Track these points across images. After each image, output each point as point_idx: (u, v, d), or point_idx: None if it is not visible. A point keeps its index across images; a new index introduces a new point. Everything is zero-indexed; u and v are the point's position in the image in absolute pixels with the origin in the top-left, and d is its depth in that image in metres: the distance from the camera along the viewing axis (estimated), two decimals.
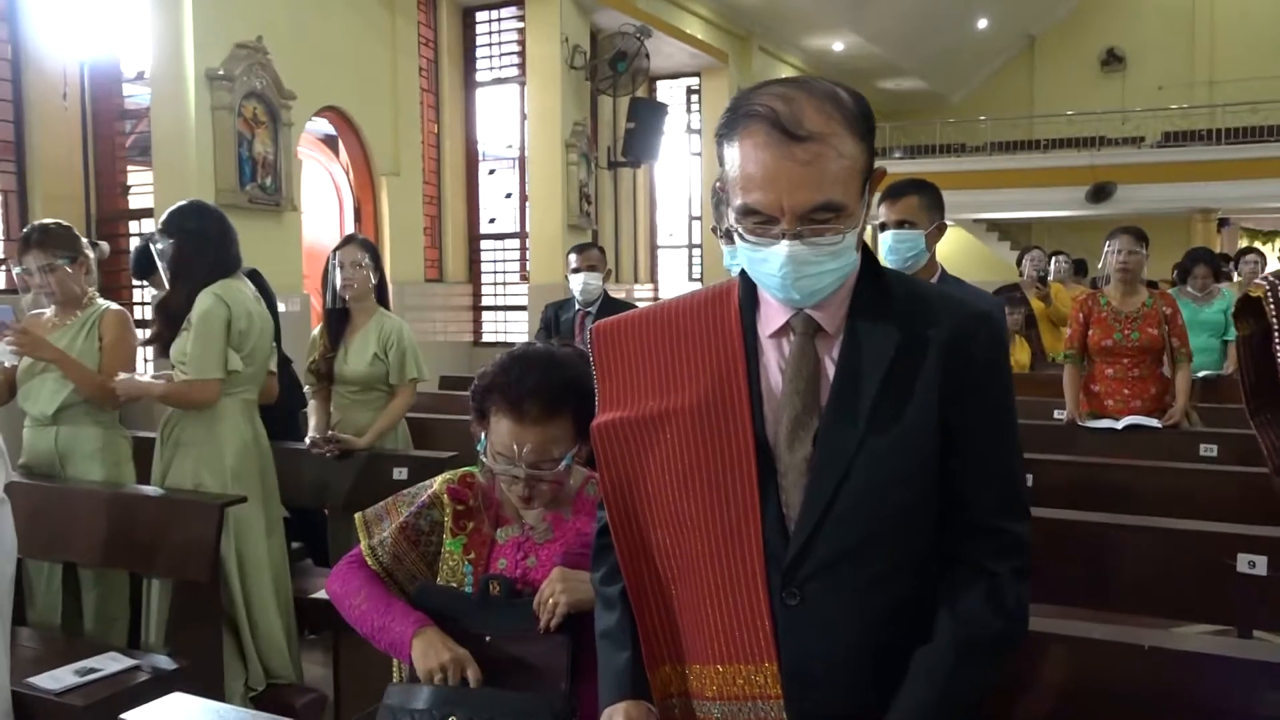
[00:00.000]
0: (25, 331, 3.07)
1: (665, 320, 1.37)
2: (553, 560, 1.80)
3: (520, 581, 1.80)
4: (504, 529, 1.86)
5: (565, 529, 1.84)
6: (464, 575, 1.83)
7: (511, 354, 1.79)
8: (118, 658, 2.71)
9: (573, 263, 4.56)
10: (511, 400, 1.70)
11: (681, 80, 12.21)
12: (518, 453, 1.69)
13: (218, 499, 2.91)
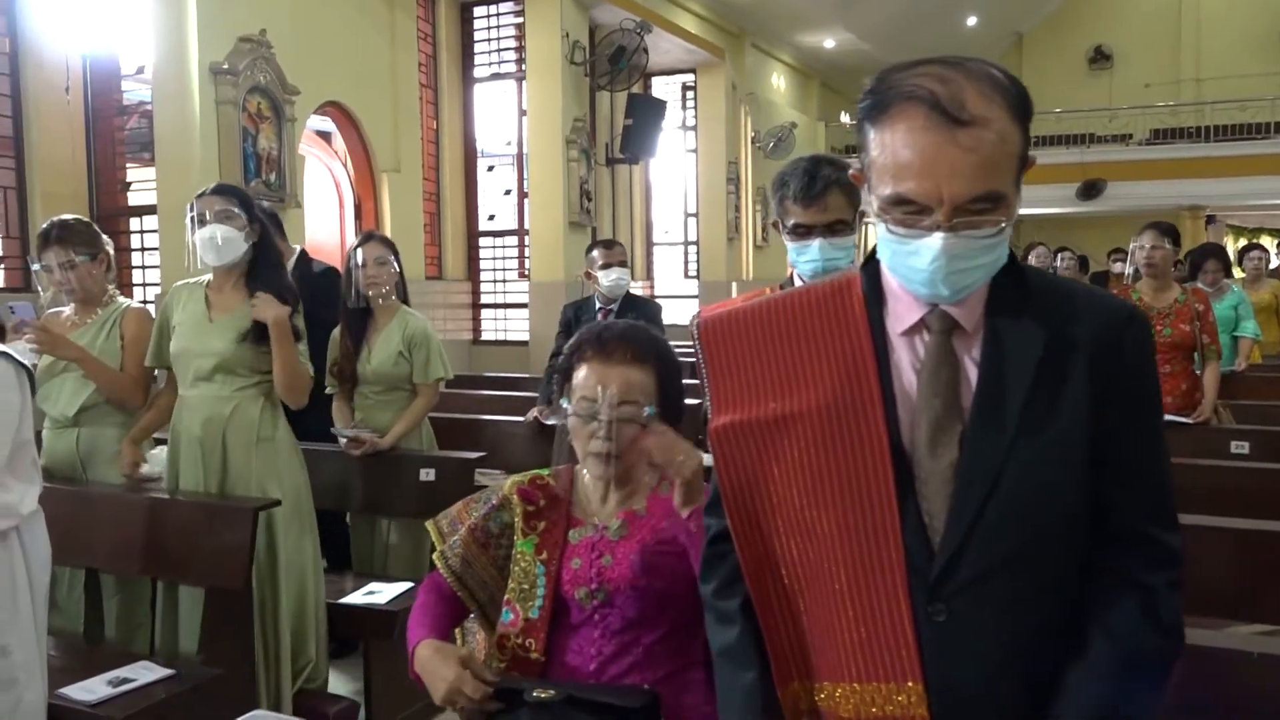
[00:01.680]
0: (45, 329, 2.98)
1: (781, 316, 1.30)
2: (629, 557, 1.75)
3: (598, 581, 1.74)
4: (576, 530, 1.81)
5: (640, 526, 1.78)
6: (536, 576, 1.77)
7: (597, 323, 1.88)
8: (151, 667, 2.63)
9: (599, 259, 4.47)
10: (599, 344, 1.74)
11: (677, 77, 12.15)
12: (602, 391, 1.69)
13: (251, 502, 2.83)
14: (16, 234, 5.75)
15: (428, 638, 1.72)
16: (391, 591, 3.29)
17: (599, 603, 1.74)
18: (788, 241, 2.23)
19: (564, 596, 1.76)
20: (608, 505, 1.81)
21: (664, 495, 1.82)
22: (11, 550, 2.32)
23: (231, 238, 2.98)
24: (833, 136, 18.10)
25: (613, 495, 1.81)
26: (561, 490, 1.84)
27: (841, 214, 2.16)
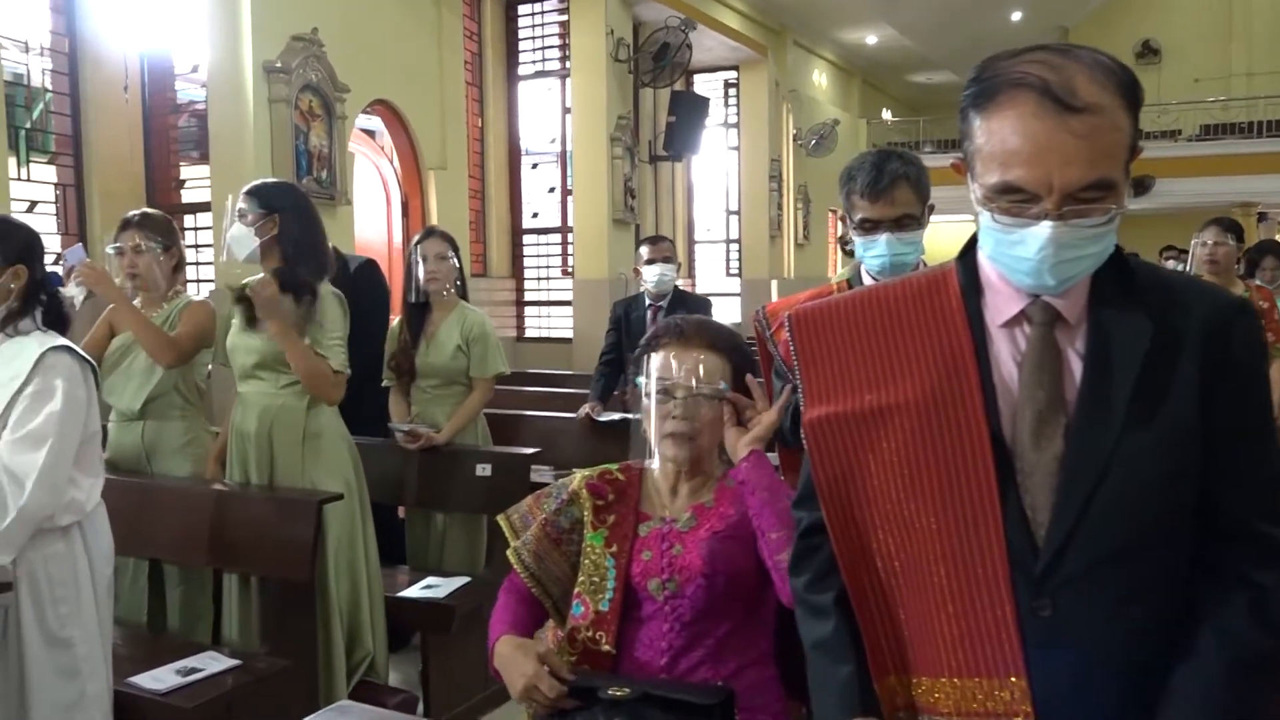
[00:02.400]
0: (91, 266, 3.00)
1: (875, 308, 1.29)
2: (699, 546, 1.75)
3: (669, 572, 1.74)
4: (646, 523, 1.81)
5: (708, 516, 1.79)
6: (606, 569, 1.77)
7: (674, 315, 1.91)
8: (218, 657, 2.66)
9: (645, 254, 4.46)
10: (677, 332, 1.79)
11: (719, 74, 12.12)
12: (678, 369, 1.74)
13: (315, 495, 2.85)
14: (75, 231, 5.84)
15: (508, 634, 1.73)
16: (449, 586, 3.30)
17: (670, 593, 1.74)
18: (855, 237, 2.21)
19: (634, 589, 1.76)
20: (678, 499, 1.82)
21: (730, 486, 1.82)
22: (74, 544, 2.35)
23: (239, 235, 2.99)
24: (874, 134, 17.96)
25: (683, 488, 1.82)
26: (630, 485, 1.85)
27: (909, 209, 2.14)
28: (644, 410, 1.79)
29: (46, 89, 5.87)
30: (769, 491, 1.70)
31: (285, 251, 2.99)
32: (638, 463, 1.89)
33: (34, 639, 2.27)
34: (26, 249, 2.34)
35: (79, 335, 2.95)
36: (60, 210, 5.89)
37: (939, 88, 18.52)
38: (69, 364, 2.29)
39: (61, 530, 2.32)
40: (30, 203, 5.75)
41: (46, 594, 2.29)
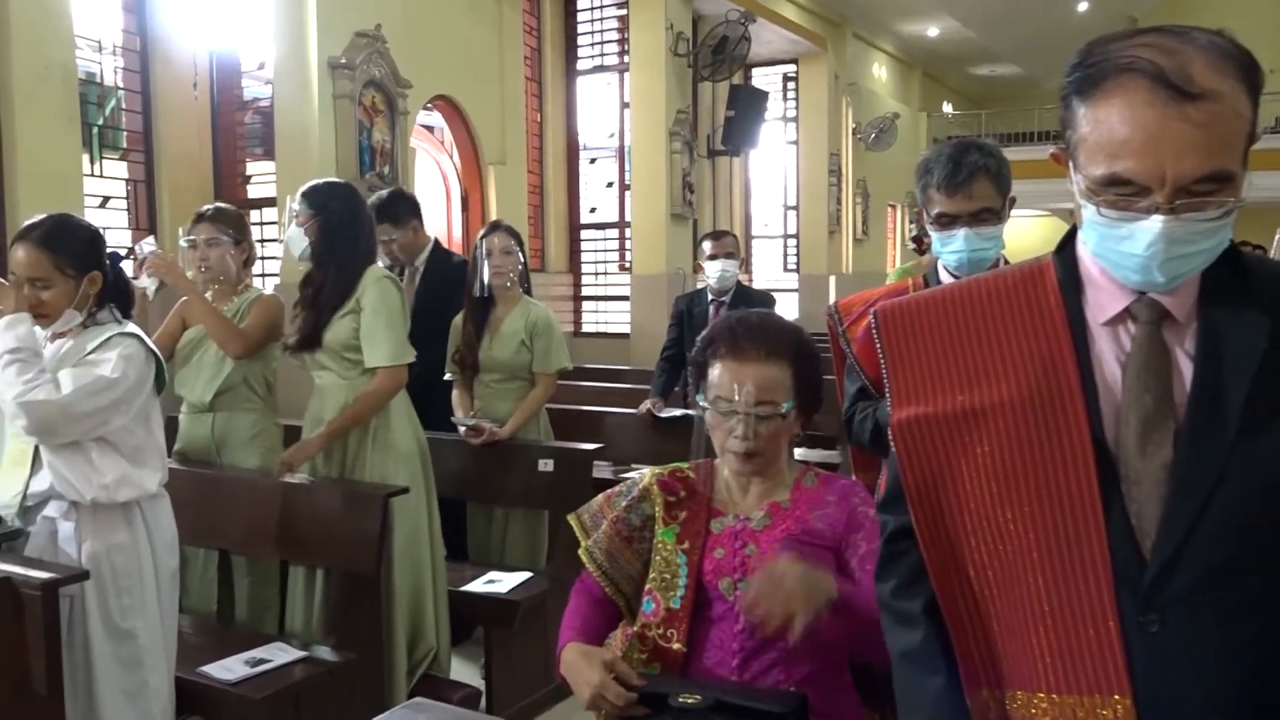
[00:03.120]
0: (163, 257, 3.05)
1: (967, 304, 1.24)
2: (774, 547, 1.71)
3: (741, 571, 1.71)
4: (718, 520, 1.78)
5: (785, 517, 1.75)
6: (677, 566, 1.75)
7: (730, 314, 1.84)
8: (285, 649, 2.68)
9: (707, 249, 4.42)
10: (731, 341, 1.71)
11: (778, 67, 12.02)
12: (738, 390, 1.68)
13: (381, 489, 2.86)
14: (146, 226, 5.96)
15: (575, 640, 1.71)
16: (511, 581, 3.30)
17: (742, 593, 1.70)
18: (932, 231, 2.16)
19: (706, 587, 1.73)
20: (749, 496, 1.79)
21: (808, 486, 1.79)
22: (137, 534, 2.38)
23: (292, 235, 3.10)
24: (935, 127, 17.70)
25: (755, 486, 1.78)
26: (701, 483, 1.82)
27: (988, 202, 2.08)
28: (708, 422, 1.76)
29: (118, 87, 5.99)
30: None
31: (317, 250, 3.08)
32: (708, 460, 1.86)
33: (98, 629, 2.31)
34: (97, 253, 2.37)
35: (151, 327, 3.00)
36: (131, 206, 6.01)
37: (1002, 80, 18.20)
38: (133, 345, 2.33)
39: (125, 520, 2.35)
40: (103, 198, 5.88)
41: (110, 585, 2.32)
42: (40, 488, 2.29)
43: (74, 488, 2.26)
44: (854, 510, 1.74)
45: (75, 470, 2.25)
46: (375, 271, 3.09)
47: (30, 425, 2.20)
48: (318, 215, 3.07)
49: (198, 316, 3.15)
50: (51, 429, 2.21)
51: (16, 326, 2.22)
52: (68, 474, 2.25)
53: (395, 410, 3.10)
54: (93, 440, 2.27)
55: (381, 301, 3.01)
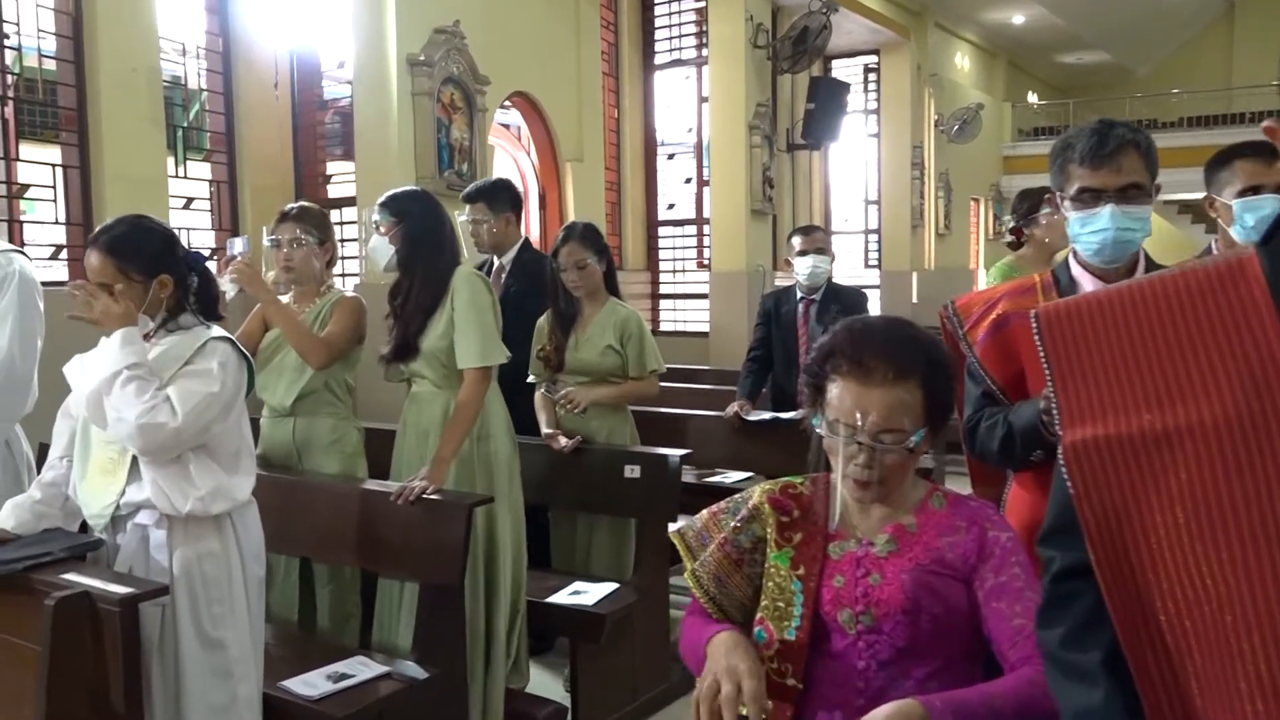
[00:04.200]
0: (248, 264, 2.99)
1: (1150, 305, 1.05)
2: (899, 577, 1.54)
3: (863, 604, 1.54)
4: (837, 543, 1.61)
5: (911, 543, 1.58)
6: (792, 593, 1.58)
7: (850, 320, 1.64)
8: (368, 663, 2.59)
9: (797, 245, 4.23)
10: (855, 359, 1.53)
11: (858, 59, 11.74)
12: (861, 420, 1.50)
13: (466, 498, 2.75)
14: (229, 227, 5.99)
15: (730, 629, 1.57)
16: (598, 592, 3.17)
17: (864, 628, 1.54)
18: (1070, 212, 1.94)
19: (824, 618, 1.57)
20: (871, 518, 1.61)
21: (935, 509, 1.61)
22: (228, 542, 2.32)
23: (376, 245, 3.05)
24: (1020, 118, 17.19)
25: (877, 508, 1.61)
26: (817, 500, 1.65)
27: (1137, 177, 1.88)
28: (825, 439, 1.57)
29: (202, 89, 6.03)
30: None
31: (402, 257, 3.02)
32: (824, 474, 1.69)
33: (189, 639, 2.25)
34: (165, 255, 2.30)
35: (232, 327, 2.94)
36: (214, 207, 6.04)
37: (1090, 68, 17.59)
38: (228, 351, 2.28)
39: (216, 527, 2.29)
40: (187, 199, 5.92)
41: (201, 594, 2.26)
42: (136, 498, 2.23)
43: (171, 502, 2.20)
44: (985, 538, 1.56)
45: (173, 484, 2.20)
46: (464, 270, 3.01)
47: (144, 446, 2.16)
48: (399, 222, 3.02)
49: (278, 326, 3.09)
50: (164, 450, 2.18)
51: (133, 341, 2.17)
52: (166, 488, 2.20)
53: (495, 415, 3.01)
54: (192, 450, 2.22)
55: (471, 300, 2.93)
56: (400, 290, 3.06)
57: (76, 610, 1.96)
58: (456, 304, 2.94)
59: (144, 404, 2.11)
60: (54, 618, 1.92)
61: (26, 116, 5.19)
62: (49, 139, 5.29)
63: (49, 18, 5.09)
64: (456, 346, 2.94)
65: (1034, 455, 1.95)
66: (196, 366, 2.22)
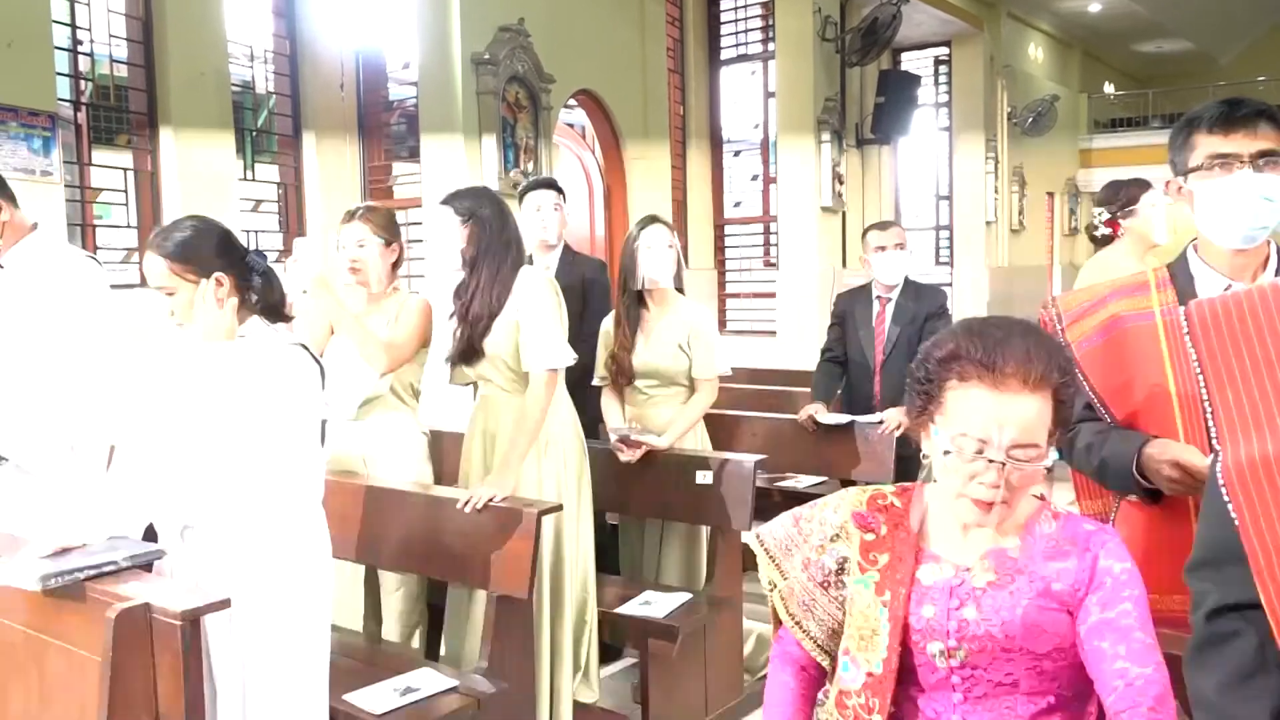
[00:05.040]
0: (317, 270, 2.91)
1: None
2: (999, 613, 1.38)
3: (956, 638, 1.39)
4: (928, 567, 1.45)
5: (1014, 570, 1.41)
6: (878, 622, 1.42)
7: (969, 321, 1.45)
8: (435, 676, 2.52)
9: (873, 241, 4.06)
10: (986, 364, 1.35)
11: (928, 51, 11.45)
12: (996, 433, 1.32)
13: (535, 505, 2.66)
14: (296, 229, 6.00)
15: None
16: (670, 603, 3.06)
17: (958, 663, 1.39)
18: (1199, 180, 1.74)
19: (911, 649, 1.42)
20: (969, 539, 1.45)
21: (1044, 532, 1.45)
22: (297, 551, 2.27)
23: (443, 244, 2.97)
24: (1096, 109, 16.67)
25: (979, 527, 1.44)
26: (909, 514, 1.50)
27: (1273, 144, 1.70)
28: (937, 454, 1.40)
29: (271, 92, 6.06)
30: None
31: (469, 258, 2.94)
32: (917, 483, 1.55)
33: (257, 650, 2.19)
34: (221, 255, 2.23)
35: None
36: (282, 209, 6.06)
37: (1170, 57, 16.98)
38: (304, 360, 2.21)
39: (285, 535, 2.23)
40: (255, 202, 5.95)
41: (270, 603, 2.20)
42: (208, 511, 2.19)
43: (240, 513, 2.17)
44: (1096, 568, 1.39)
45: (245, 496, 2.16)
46: (530, 271, 2.93)
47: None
48: (469, 222, 2.93)
49: (342, 331, 3.02)
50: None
51: None
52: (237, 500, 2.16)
53: (563, 419, 2.92)
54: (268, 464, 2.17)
55: (537, 302, 2.84)
56: (466, 291, 2.98)
57: (138, 622, 1.90)
58: (522, 306, 2.85)
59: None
60: (115, 630, 1.86)
61: (99, 122, 5.24)
62: (121, 144, 5.34)
63: (120, 23, 5.14)
64: (522, 349, 2.85)
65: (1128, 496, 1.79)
66: (273, 389, 2.16)
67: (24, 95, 4.35)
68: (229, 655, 2.18)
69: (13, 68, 4.30)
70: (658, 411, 3.44)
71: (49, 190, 4.44)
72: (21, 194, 2.85)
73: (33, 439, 2.69)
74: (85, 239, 5.04)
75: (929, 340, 1.48)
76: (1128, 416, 1.81)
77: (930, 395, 1.40)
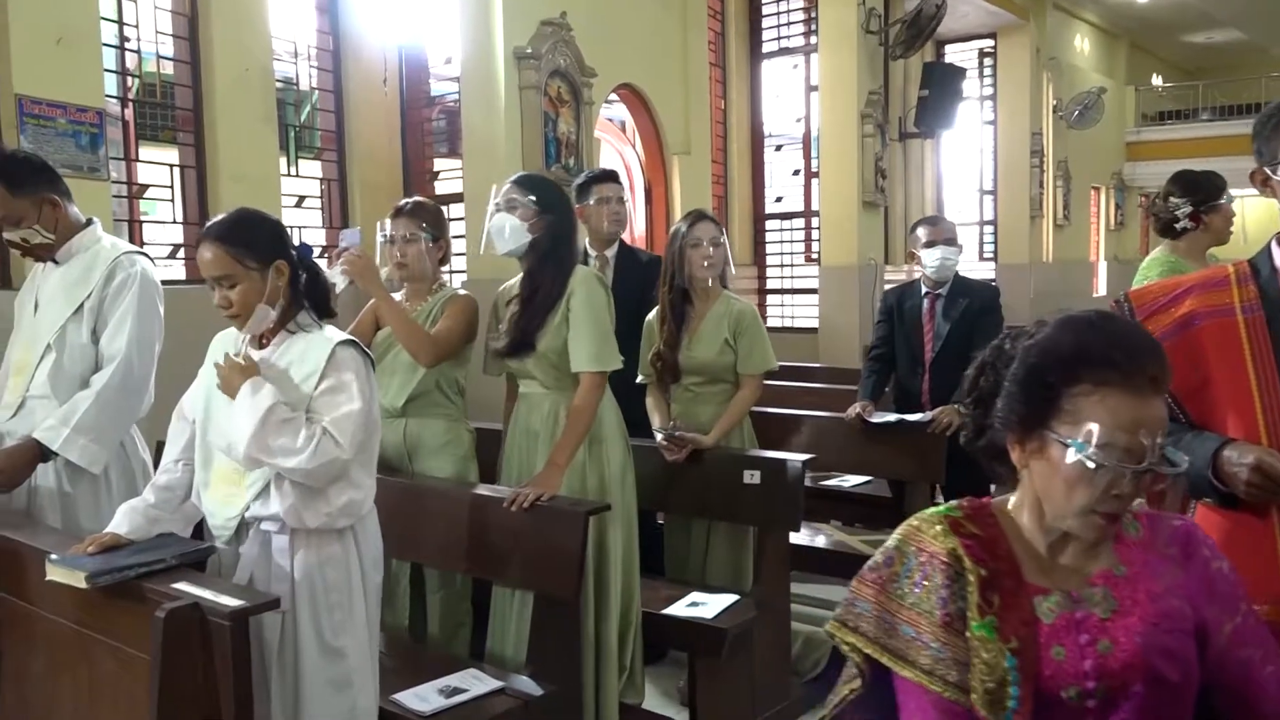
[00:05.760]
0: (363, 256, 2.89)
1: None
2: (1134, 640, 1.26)
3: (1092, 677, 1.26)
4: (1042, 600, 1.30)
5: (1127, 594, 1.30)
6: (1006, 673, 1.25)
7: (1080, 316, 1.31)
8: (481, 677, 2.49)
9: (923, 236, 3.97)
10: (1121, 365, 1.23)
11: (972, 43, 11.29)
12: (1146, 439, 1.21)
13: (582, 505, 2.62)
14: (339, 224, 6.01)
15: None
16: (717, 604, 3.01)
17: (1098, 702, 1.27)
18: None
19: (1045, 695, 1.28)
20: (1064, 559, 1.33)
21: (1134, 538, 1.35)
22: (349, 547, 2.25)
23: (514, 227, 2.85)
24: (1144, 102, 16.36)
25: (1068, 545, 1.33)
26: (997, 540, 1.34)
27: None
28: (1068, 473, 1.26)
29: (314, 88, 6.07)
30: None
31: (543, 249, 2.87)
32: (986, 501, 1.40)
33: (310, 648, 2.18)
34: (279, 241, 2.23)
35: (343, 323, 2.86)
36: (325, 205, 6.08)
37: (1221, 48, 16.61)
38: (358, 359, 2.20)
39: (338, 534, 2.22)
40: (298, 198, 5.97)
41: (322, 600, 2.19)
42: (262, 512, 2.17)
43: (301, 518, 2.14)
44: (1206, 570, 1.31)
45: (307, 501, 2.14)
46: (583, 270, 2.90)
47: (320, 482, 2.12)
48: (545, 212, 2.87)
49: (388, 322, 3.00)
50: (336, 479, 2.14)
51: (261, 386, 2.11)
52: (300, 505, 2.14)
53: (607, 418, 2.89)
54: None
55: (588, 302, 2.80)
56: (532, 283, 2.91)
57: (187, 622, 1.88)
58: (574, 304, 2.81)
59: (308, 445, 2.05)
60: (164, 629, 1.85)
61: (146, 119, 5.28)
62: (166, 140, 5.38)
63: (167, 20, 5.17)
64: (571, 349, 2.82)
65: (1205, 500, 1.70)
66: (333, 382, 2.14)
67: (72, 91, 4.37)
68: (282, 652, 2.16)
69: (62, 64, 4.33)
70: (704, 409, 3.40)
71: (96, 187, 4.46)
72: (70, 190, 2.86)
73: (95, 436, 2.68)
74: (132, 235, 5.08)
75: (1026, 339, 1.35)
76: (1204, 416, 1.73)
77: (1048, 401, 1.27)
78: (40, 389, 2.72)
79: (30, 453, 2.63)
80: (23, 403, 2.74)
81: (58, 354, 2.72)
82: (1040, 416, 1.28)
